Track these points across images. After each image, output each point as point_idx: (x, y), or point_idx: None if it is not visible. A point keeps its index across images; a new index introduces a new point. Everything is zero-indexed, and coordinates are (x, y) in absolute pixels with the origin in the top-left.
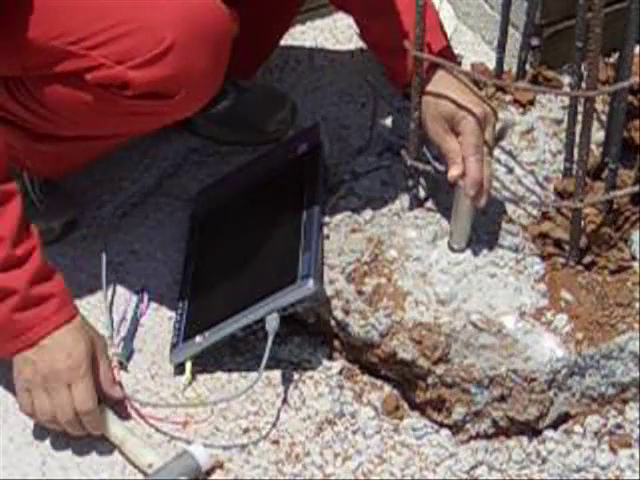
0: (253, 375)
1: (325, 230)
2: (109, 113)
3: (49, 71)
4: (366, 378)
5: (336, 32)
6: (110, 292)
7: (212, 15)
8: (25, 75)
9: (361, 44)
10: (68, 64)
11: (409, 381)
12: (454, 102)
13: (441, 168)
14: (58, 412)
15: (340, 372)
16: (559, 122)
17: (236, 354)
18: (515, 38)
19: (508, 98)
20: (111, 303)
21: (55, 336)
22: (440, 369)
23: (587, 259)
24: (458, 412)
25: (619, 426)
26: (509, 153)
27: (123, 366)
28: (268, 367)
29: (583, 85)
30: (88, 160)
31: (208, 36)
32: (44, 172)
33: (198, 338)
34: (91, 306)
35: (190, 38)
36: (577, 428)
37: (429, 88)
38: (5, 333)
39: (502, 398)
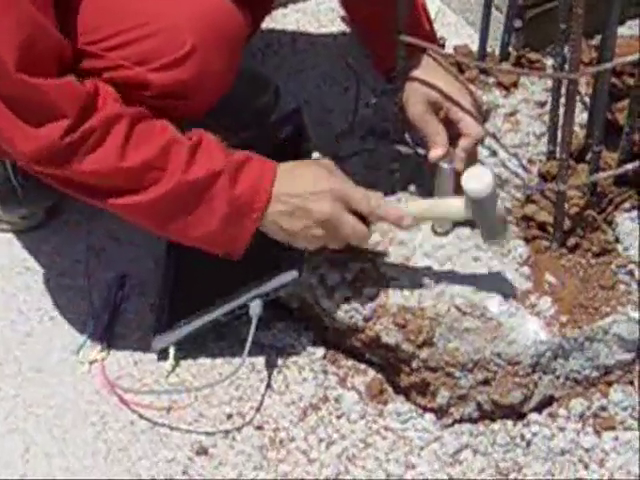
0: (237, 360)
1: None
2: None
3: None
4: (350, 363)
5: (319, 15)
6: (92, 278)
7: (229, 18)
8: None
9: (344, 27)
10: (85, 62)
11: (393, 365)
12: (439, 87)
13: (423, 151)
14: (354, 238)
15: (324, 357)
16: (543, 104)
17: (220, 339)
18: (498, 20)
19: (491, 80)
20: (90, 289)
21: (279, 178)
22: (424, 353)
23: (571, 242)
24: (442, 396)
25: (603, 408)
26: (493, 136)
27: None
28: (252, 352)
29: (566, 67)
30: None
31: (225, 39)
32: None
33: (181, 324)
34: (73, 292)
35: (209, 42)
36: (561, 411)
37: (413, 72)
38: (240, 211)
39: (486, 382)
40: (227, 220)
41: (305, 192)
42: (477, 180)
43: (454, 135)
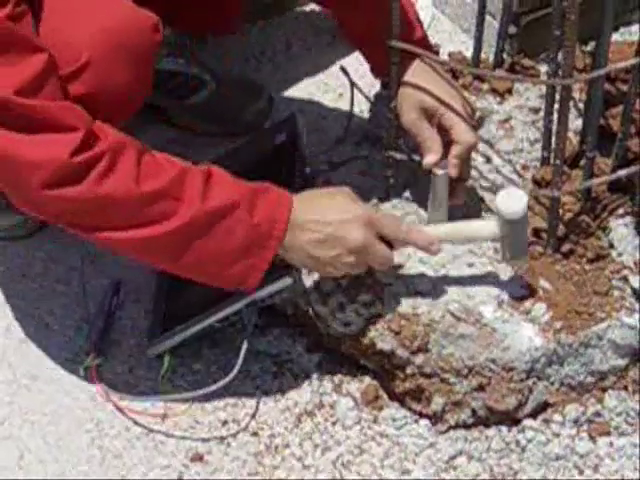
0: (232, 367)
1: None
2: None
3: None
4: (345, 369)
5: (313, 22)
6: (87, 285)
7: (133, 30)
8: None
9: (338, 33)
10: None
11: (388, 371)
12: (434, 94)
13: (418, 158)
14: (384, 265)
15: (319, 363)
16: (537, 111)
17: (214, 346)
18: (493, 27)
19: (486, 87)
20: (85, 295)
21: (301, 207)
22: (419, 359)
23: (565, 247)
24: (437, 402)
25: (598, 414)
26: (487, 142)
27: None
28: (247, 359)
29: (560, 73)
30: None
31: (128, 51)
32: None
33: (176, 330)
34: (68, 299)
35: (109, 53)
36: (556, 417)
37: (406, 78)
38: (259, 240)
39: (481, 387)
40: (245, 250)
41: (336, 220)
42: (514, 201)
43: (448, 141)
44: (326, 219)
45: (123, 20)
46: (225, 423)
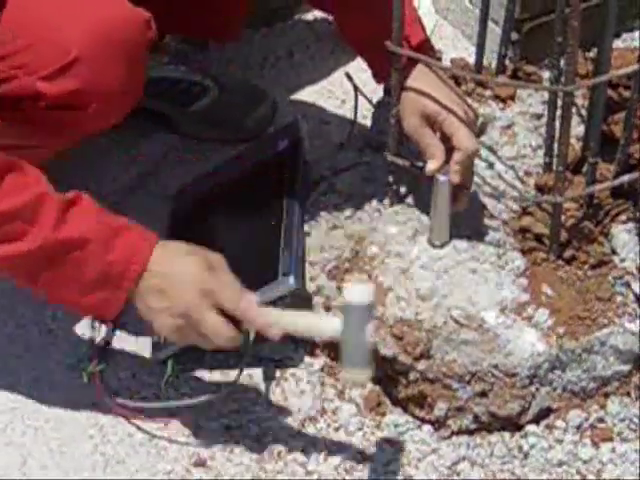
0: (234, 373)
1: (306, 227)
2: (29, 124)
3: None
4: None
5: (316, 29)
6: None
7: (123, 26)
8: None
9: (341, 39)
10: None
11: (391, 377)
12: (435, 100)
13: (420, 164)
14: (215, 338)
15: (322, 369)
16: (539, 117)
17: (217, 352)
18: (495, 33)
19: (488, 93)
20: None
21: (160, 254)
22: (422, 365)
23: (568, 253)
24: (440, 408)
25: (601, 420)
26: (489, 148)
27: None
28: (249, 365)
29: (562, 80)
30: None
31: (118, 47)
32: None
33: None
34: None
35: (98, 48)
36: (559, 423)
37: (408, 83)
38: (111, 279)
39: (484, 393)
40: (100, 284)
41: (176, 274)
42: (358, 292)
43: (450, 147)
44: (170, 270)
45: (114, 16)
46: (228, 428)
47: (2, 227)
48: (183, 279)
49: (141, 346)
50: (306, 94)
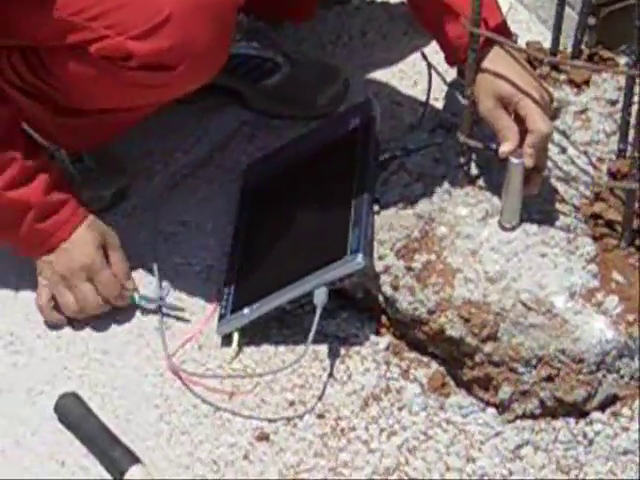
0: (300, 348)
1: (375, 205)
2: (116, 86)
3: (57, 42)
4: (413, 355)
5: (389, 9)
6: (160, 262)
7: None
8: (39, 46)
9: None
10: (73, 35)
11: (456, 359)
12: (511, 82)
13: (493, 146)
14: (85, 305)
15: (387, 348)
16: (614, 103)
17: (283, 327)
18: (571, 18)
19: (563, 77)
20: (159, 273)
21: (72, 238)
22: (488, 347)
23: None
24: (505, 391)
25: None
26: (563, 133)
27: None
28: (315, 341)
29: None
30: (114, 134)
31: (210, 7)
32: (74, 146)
33: (246, 310)
34: (140, 275)
35: (189, 9)
36: (625, 411)
37: (485, 65)
38: (30, 242)
39: (550, 378)
40: (27, 242)
41: (69, 243)
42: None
43: (525, 130)
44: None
45: None
46: (292, 404)
47: None
48: (73, 247)
49: (208, 318)
50: (378, 74)
